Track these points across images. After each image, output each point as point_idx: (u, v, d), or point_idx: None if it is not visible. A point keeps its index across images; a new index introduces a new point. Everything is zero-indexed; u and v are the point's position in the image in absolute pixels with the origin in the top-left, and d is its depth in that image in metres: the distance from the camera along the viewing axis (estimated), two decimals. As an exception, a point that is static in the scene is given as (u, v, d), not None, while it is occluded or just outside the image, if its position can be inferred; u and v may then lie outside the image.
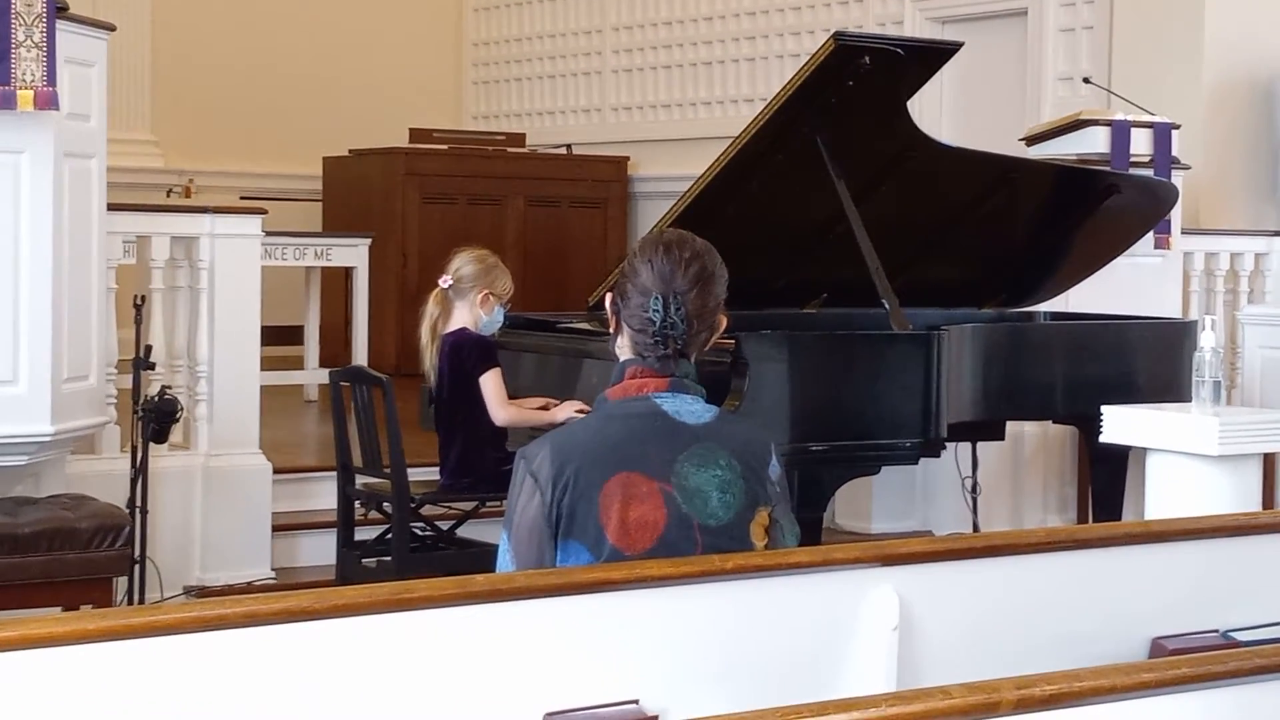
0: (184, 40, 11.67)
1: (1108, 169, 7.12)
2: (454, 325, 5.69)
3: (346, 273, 9.65)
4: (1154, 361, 6.30)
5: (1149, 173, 7.37)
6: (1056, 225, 6.53)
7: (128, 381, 5.96)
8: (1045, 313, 6.90)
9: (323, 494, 6.66)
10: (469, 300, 5.68)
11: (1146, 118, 7.65)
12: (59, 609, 5.10)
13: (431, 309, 5.72)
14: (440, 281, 5.73)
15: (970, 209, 6.27)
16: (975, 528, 6.90)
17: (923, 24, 10.02)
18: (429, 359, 5.69)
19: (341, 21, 12.40)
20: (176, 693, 2.35)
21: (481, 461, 5.63)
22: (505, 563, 2.99)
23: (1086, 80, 8.77)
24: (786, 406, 5.24)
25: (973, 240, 6.40)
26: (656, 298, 3.02)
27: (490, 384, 5.59)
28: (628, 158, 11.67)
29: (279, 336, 9.27)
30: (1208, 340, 5.42)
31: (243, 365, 6.51)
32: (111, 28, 5.74)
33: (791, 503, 3.17)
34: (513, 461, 3.04)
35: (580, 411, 5.37)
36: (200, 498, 6.36)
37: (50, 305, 5.34)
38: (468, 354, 5.62)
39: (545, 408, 5.64)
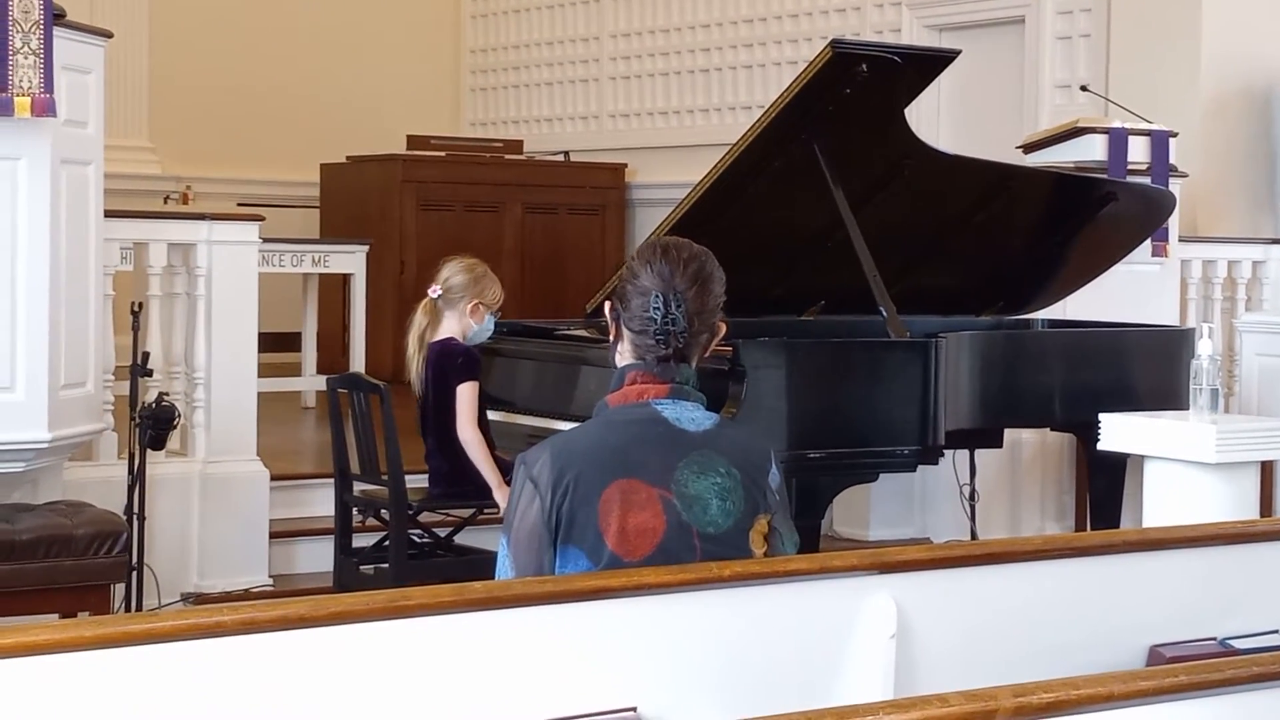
0: (182, 47, 11.68)
1: (1105, 177, 7.13)
2: (442, 334, 5.67)
3: (344, 279, 9.65)
4: (1152, 369, 6.30)
5: (1146, 180, 7.37)
6: (1054, 233, 6.54)
7: (125, 388, 5.96)
8: (1043, 320, 6.90)
9: (320, 501, 6.66)
10: (458, 310, 5.67)
11: (1144, 125, 7.65)
12: (56, 616, 5.09)
13: (419, 319, 5.70)
14: (429, 291, 5.71)
15: (968, 216, 6.28)
16: (973, 535, 6.90)
17: (920, 32, 10.03)
18: (415, 368, 5.68)
19: (339, 28, 12.41)
20: (173, 700, 2.35)
21: (467, 472, 5.60)
22: (504, 568, 2.99)
23: (1084, 88, 8.77)
24: (784, 414, 5.24)
25: (970, 248, 6.40)
26: (657, 295, 3.03)
27: (465, 396, 5.57)
28: (625, 165, 11.67)
29: (276, 343, 9.27)
30: (1205, 348, 5.42)
31: (240, 372, 6.51)
32: (109, 34, 5.74)
33: (790, 510, 3.17)
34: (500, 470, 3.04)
35: None
36: (198, 504, 6.36)
37: (47, 312, 5.33)
38: (451, 363, 5.61)
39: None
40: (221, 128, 11.77)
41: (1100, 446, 5.71)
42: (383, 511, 5.73)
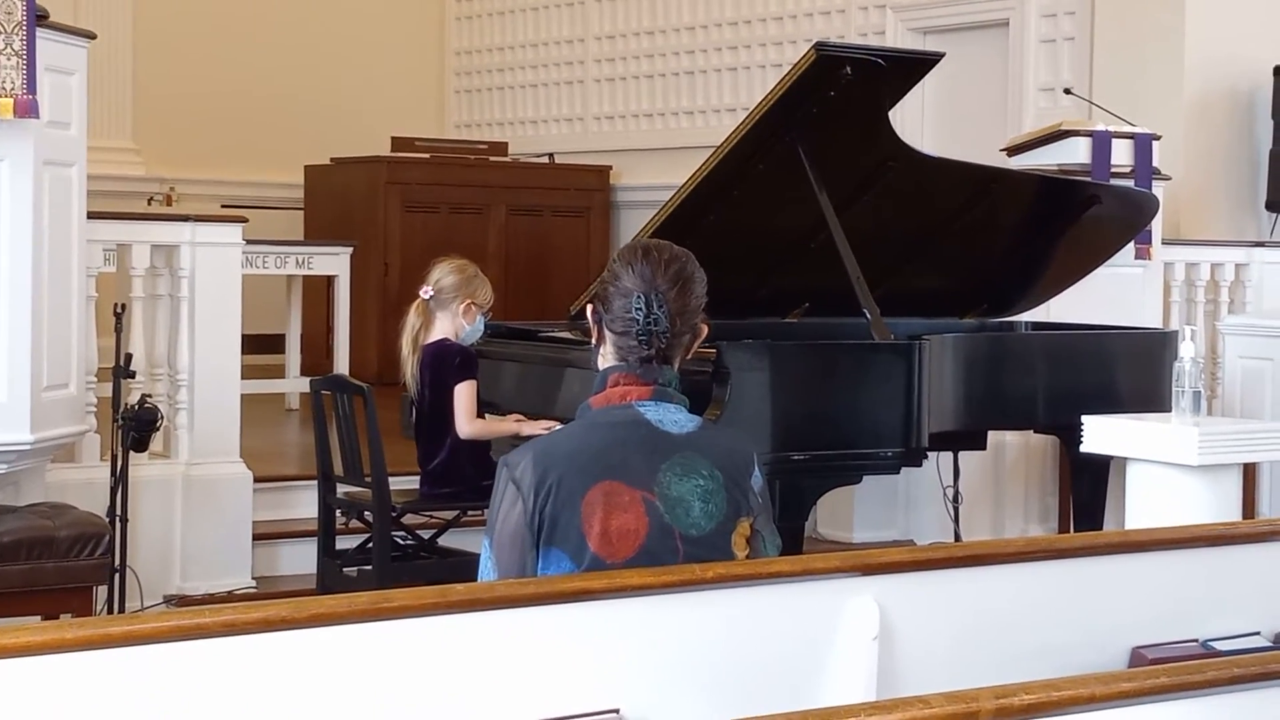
0: (166, 48, 11.66)
1: (1089, 179, 7.14)
2: (435, 335, 5.70)
3: (328, 281, 9.65)
4: (1134, 371, 6.31)
5: (1130, 183, 7.39)
6: (1038, 235, 6.55)
7: (108, 390, 5.94)
8: (1026, 322, 6.91)
9: (304, 503, 6.65)
10: (451, 310, 5.69)
11: (1127, 128, 7.67)
12: (38, 618, 5.08)
13: (413, 320, 5.72)
14: (421, 292, 5.74)
15: (952, 219, 6.28)
16: (957, 537, 6.91)
17: (904, 34, 10.04)
18: (409, 369, 5.70)
19: (324, 30, 12.40)
20: (156, 702, 2.34)
21: (461, 472, 5.63)
22: (487, 570, 2.99)
23: (1068, 91, 8.79)
24: (768, 416, 5.24)
25: (954, 250, 6.41)
26: (639, 296, 3.03)
27: (462, 395, 5.59)
28: (610, 167, 11.68)
29: (260, 345, 9.27)
30: (1188, 350, 5.43)
31: (223, 374, 6.50)
32: (92, 35, 5.73)
33: (773, 512, 3.17)
34: (493, 473, 3.04)
35: (549, 429, 5.39)
36: (180, 506, 6.35)
37: (30, 313, 5.32)
38: (448, 364, 5.63)
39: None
40: (205, 129, 11.75)
41: (1083, 448, 5.71)
42: (366, 513, 5.73)
